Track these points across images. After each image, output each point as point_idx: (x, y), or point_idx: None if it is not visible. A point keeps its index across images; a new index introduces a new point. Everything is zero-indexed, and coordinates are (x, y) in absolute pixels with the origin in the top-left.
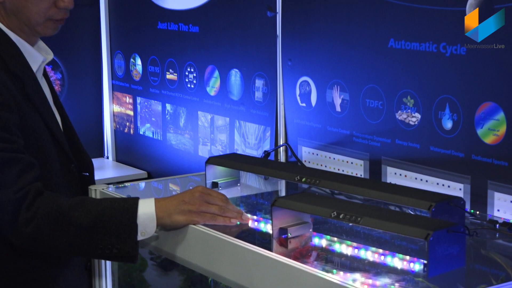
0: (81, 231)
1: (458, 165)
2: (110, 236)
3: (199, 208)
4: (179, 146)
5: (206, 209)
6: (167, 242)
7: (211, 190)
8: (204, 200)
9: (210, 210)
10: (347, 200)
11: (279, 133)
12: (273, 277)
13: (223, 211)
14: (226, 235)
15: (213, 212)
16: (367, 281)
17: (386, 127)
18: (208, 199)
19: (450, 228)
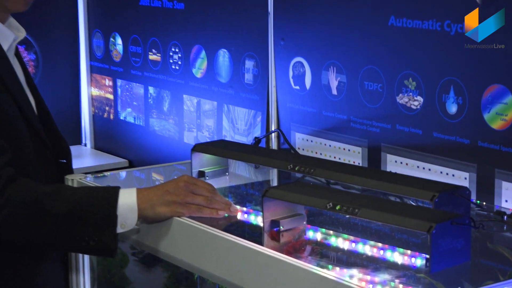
0: (56, 220)
1: (463, 152)
2: (87, 227)
3: (184, 199)
4: (163, 133)
5: (192, 200)
6: (150, 236)
7: (197, 180)
8: (189, 191)
9: (196, 201)
10: (344, 190)
11: (270, 118)
12: (264, 273)
13: (210, 202)
14: (213, 228)
15: (199, 203)
16: (365, 278)
17: (386, 111)
18: (194, 190)
19: (454, 220)
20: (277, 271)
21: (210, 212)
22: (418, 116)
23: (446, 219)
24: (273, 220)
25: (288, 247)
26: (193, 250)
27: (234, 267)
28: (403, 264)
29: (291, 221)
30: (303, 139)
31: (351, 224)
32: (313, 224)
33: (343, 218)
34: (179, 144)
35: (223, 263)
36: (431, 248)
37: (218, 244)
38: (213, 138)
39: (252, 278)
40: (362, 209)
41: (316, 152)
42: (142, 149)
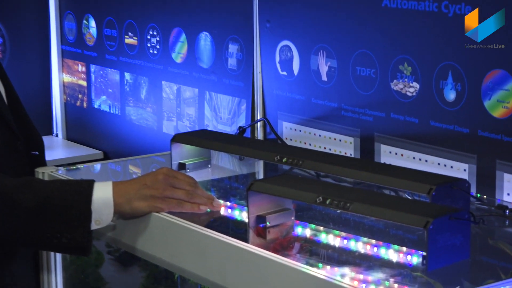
0: (26, 215)
1: (463, 142)
2: (59, 223)
3: (163, 193)
4: (140, 122)
5: (172, 194)
6: (127, 233)
7: (177, 172)
8: (169, 184)
9: (176, 195)
10: (335, 183)
11: (256, 107)
12: (249, 272)
13: (190, 196)
14: (194, 225)
15: (180, 197)
16: (357, 277)
17: (379, 98)
18: (174, 183)
19: (452, 214)
20: (263, 270)
21: (191, 207)
22: (414, 104)
23: (444, 213)
24: (259, 215)
25: (275, 244)
26: (173, 247)
27: (217, 266)
28: (398, 262)
29: (278, 216)
30: (290, 128)
31: (342, 220)
32: (302, 220)
33: (334, 213)
34: (158, 134)
35: (205, 261)
36: (428, 245)
37: (200, 242)
38: (194, 128)
39: (237, 277)
40: (354, 203)
41: (304, 143)
42: (118, 139)
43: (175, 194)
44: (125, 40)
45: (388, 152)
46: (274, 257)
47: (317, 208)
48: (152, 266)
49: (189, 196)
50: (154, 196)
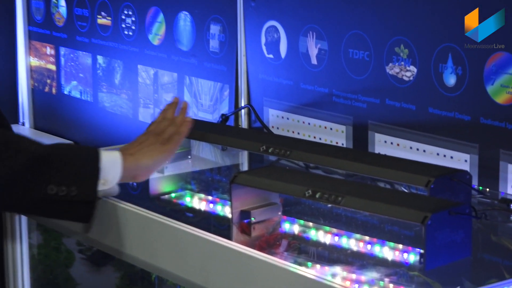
0: (32, 160)
1: (464, 130)
2: (67, 172)
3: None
4: (114, 109)
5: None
6: (99, 230)
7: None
8: (159, 131)
9: (168, 132)
10: (325, 175)
11: (240, 92)
12: (233, 272)
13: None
14: (173, 221)
15: (171, 132)
16: (350, 276)
17: (373, 83)
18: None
19: (452, 209)
20: (248, 269)
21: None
22: (411, 89)
23: (443, 208)
24: (243, 210)
25: (260, 242)
26: (150, 245)
27: (197, 266)
28: (394, 260)
29: (264, 211)
30: (277, 116)
31: (333, 215)
32: (290, 215)
33: (325, 207)
34: (133, 122)
35: (185, 260)
36: (426, 242)
37: (179, 239)
38: None
39: (219, 278)
40: (346, 197)
41: (293, 132)
42: (90, 128)
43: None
44: (97, 20)
45: (383, 141)
46: (259, 256)
47: (306, 203)
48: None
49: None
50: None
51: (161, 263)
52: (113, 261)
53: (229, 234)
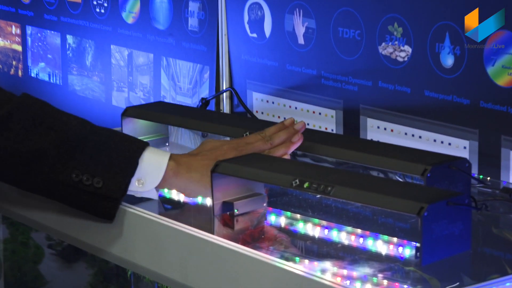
0: (63, 141)
1: (462, 115)
2: (97, 161)
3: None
4: (86, 93)
5: (248, 147)
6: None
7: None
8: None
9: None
10: (314, 163)
11: (221, 75)
12: (215, 268)
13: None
14: (149, 213)
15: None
16: (340, 272)
17: (365, 65)
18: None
19: (451, 199)
20: (230, 265)
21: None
22: (406, 71)
23: (441, 198)
24: (225, 201)
25: (244, 236)
26: (125, 240)
27: (176, 261)
28: (388, 254)
29: (247, 202)
30: (262, 100)
31: (323, 206)
32: (276, 207)
33: (313, 198)
34: (106, 107)
35: (163, 256)
36: (422, 235)
37: (156, 232)
38: (149, 100)
39: (200, 274)
40: (336, 186)
41: (278, 117)
42: None
43: (251, 146)
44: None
45: (376, 127)
46: (243, 250)
47: (293, 193)
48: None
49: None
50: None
51: (137, 259)
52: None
53: (210, 227)
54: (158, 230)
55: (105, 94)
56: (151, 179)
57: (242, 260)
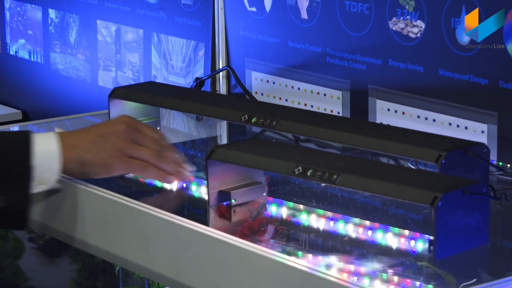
0: None
1: (480, 96)
2: None
3: (124, 150)
4: (69, 72)
5: (134, 152)
6: (52, 213)
7: (142, 124)
8: (131, 139)
9: (139, 155)
10: (318, 149)
11: (217, 52)
12: (210, 263)
13: (158, 159)
14: (139, 203)
15: (144, 158)
16: (347, 267)
17: (374, 41)
18: (138, 138)
19: (467, 188)
20: (227, 260)
21: (156, 174)
22: (419, 48)
23: (456, 187)
24: (222, 191)
25: (242, 228)
26: (113, 232)
27: (168, 256)
28: (399, 248)
29: (246, 192)
30: (262, 80)
31: (328, 196)
32: (277, 196)
33: (318, 187)
34: (92, 88)
35: (154, 250)
36: (436, 227)
37: (146, 225)
38: (139, 80)
39: (194, 270)
40: (342, 174)
41: (279, 98)
42: (41, 95)
43: (139, 153)
44: None
45: (386, 109)
46: (241, 244)
47: (295, 181)
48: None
49: (156, 158)
50: (112, 152)
51: (125, 253)
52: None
53: (205, 219)
54: (149, 222)
55: (91, 74)
56: (50, 175)
57: (240, 254)
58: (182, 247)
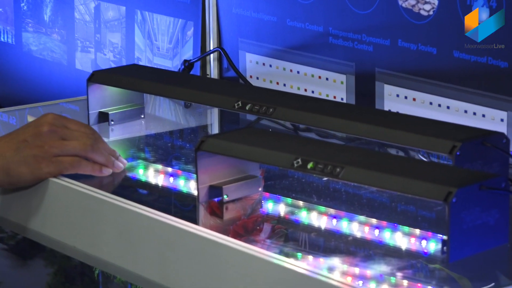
0: None
1: (499, 81)
2: None
3: (50, 150)
4: (44, 54)
5: (62, 150)
6: (25, 211)
7: (67, 119)
8: (57, 137)
9: (69, 150)
10: (320, 139)
11: (207, 32)
12: (200, 266)
13: (89, 151)
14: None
15: (74, 153)
16: (351, 270)
17: (382, 20)
18: (65, 134)
19: (484, 182)
20: (219, 262)
21: (91, 168)
22: (431, 27)
23: (473, 181)
24: (213, 185)
25: (235, 227)
26: (91, 232)
27: (154, 258)
28: (409, 249)
29: (239, 186)
30: (257, 62)
31: (330, 191)
32: (274, 192)
33: (319, 181)
34: (69, 71)
35: (138, 251)
36: (449, 226)
37: (129, 223)
38: (121, 63)
39: (182, 273)
40: (346, 167)
41: (277, 83)
42: (12, 79)
43: (68, 149)
44: None
45: (395, 95)
46: (234, 245)
47: (294, 175)
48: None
49: (88, 149)
50: (38, 157)
51: (106, 255)
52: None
53: (194, 216)
54: (132, 220)
55: (67, 56)
56: None
57: (233, 256)
58: (169, 248)
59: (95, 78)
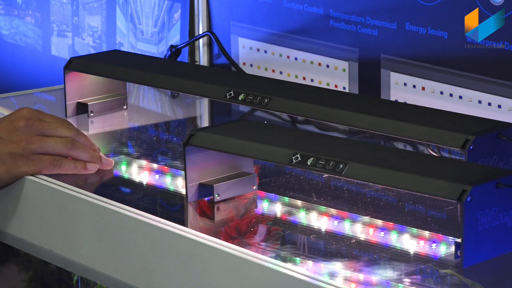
0: None
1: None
2: None
3: (28, 146)
4: (16, 39)
5: (41, 147)
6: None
7: (44, 114)
8: (35, 132)
9: (49, 147)
10: (320, 133)
11: (196, 14)
12: (189, 271)
13: (70, 147)
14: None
15: (54, 151)
16: (354, 276)
17: (388, 1)
18: (42, 129)
19: (501, 179)
20: (209, 267)
21: (74, 166)
22: (441, 9)
23: (488, 178)
24: (203, 184)
25: (228, 228)
26: (70, 235)
27: (138, 262)
28: (418, 253)
29: (232, 185)
30: (251, 48)
31: (331, 189)
32: (269, 191)
33: (319, 179)
34: (44, 57)
35: (120, 255)
36: (463, 227)
37: (111, 225)
38: (102, 48)
39: (168, 279)
40: (350, 164)
41: (272, 70)
42: None
43: (47, 146)
44: None
45: (402, 83)
46: (226, 248)
47: (292, 172)
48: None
49: (69, 146)
50: (15, 154)
51: (85, 260)
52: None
53: (182, 217)
54: (115, 222)
55: (42, 41)
56: None
57: (225, 260)
58: (154, 252)
59: (73, 65)
